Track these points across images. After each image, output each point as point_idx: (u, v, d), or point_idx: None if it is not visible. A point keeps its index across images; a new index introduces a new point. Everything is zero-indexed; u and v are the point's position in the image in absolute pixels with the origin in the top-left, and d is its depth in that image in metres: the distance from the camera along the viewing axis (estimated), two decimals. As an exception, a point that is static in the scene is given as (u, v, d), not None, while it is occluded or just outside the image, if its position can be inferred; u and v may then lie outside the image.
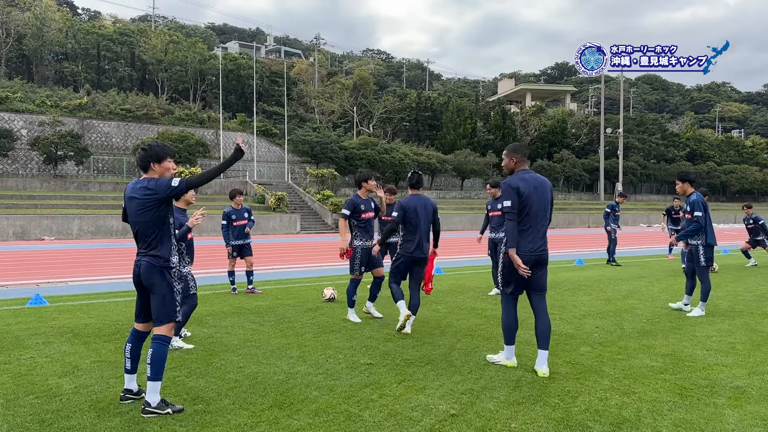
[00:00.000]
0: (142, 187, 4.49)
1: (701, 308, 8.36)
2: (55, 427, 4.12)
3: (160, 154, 4.61)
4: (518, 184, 5.42)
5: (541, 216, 5.49)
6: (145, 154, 4.58)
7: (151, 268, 4.49)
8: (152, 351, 4.45)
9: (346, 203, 7.93)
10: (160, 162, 4.60)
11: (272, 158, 52.64)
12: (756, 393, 4.86)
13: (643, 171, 66.05)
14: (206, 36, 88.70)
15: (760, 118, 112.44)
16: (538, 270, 5.51)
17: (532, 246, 5.43)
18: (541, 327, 5.48)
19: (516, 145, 5.75)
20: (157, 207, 4.47)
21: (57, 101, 47.49)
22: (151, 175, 4.59)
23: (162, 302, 4.50)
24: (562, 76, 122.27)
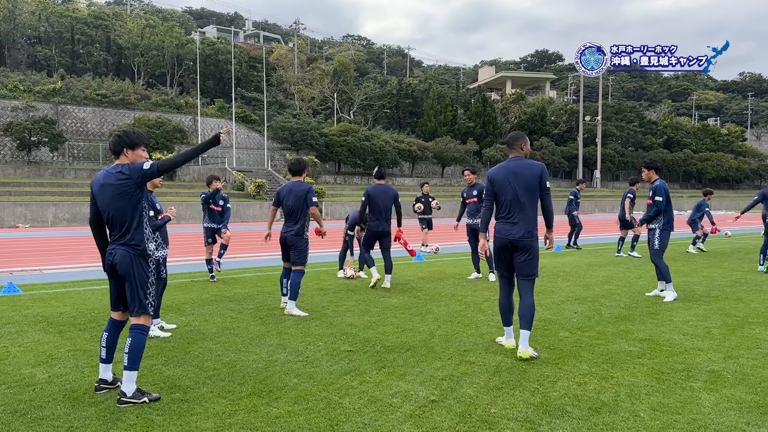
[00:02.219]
0: (117, 172, 4.42)
1: (671, 289, 8.50)
2: (29, 417, 4.04)
3: (135, 140, 4.57)
4: (493, 173, 5.70)
5: (521, 201, 5.53)
6: (119, 140, 4.53)
7: (127, 257, 4.40)
8: (130, 340, 4.38)
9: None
10: (134, 149, 4.55)
11: (251, 145, 52.15)
12: (731, 377, 4.93)
13: (621, 158, 66.70)
14: (183, 20, 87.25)
15: (735, 107, 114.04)
16: (520, 255, 5.56)
17: (506, 230, 5.59)
18: (522, 307, 5.54)
19: (510, 134, 5.89)
20: (132, 192, 4.39)
21: (30, 86, 46.47)
22: (122, 161, 4.52)
23: (137, 292, 4.43)
24: (542, 63, 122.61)
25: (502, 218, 5.65)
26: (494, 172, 5.68)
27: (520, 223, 5.54)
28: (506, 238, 5.56)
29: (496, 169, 5.69)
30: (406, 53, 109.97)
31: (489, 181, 5.72)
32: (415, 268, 12.23)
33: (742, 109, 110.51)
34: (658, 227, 8.60)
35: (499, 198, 5.65)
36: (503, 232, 5.60)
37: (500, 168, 5.68)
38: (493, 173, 5.68)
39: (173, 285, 9.80)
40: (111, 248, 4.47)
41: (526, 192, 5.53)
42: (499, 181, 5.62)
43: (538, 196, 5.59)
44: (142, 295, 4.45)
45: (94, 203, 4.57)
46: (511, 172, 5.58)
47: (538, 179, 5.54)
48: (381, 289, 9.45)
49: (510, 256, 5.63)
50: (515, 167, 5.60)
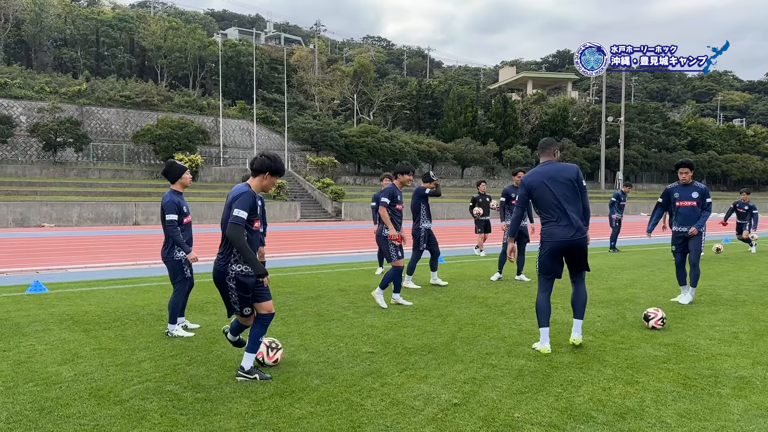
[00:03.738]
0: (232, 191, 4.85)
1: (691, 294, 8.38)
2: (55, 415, 4.09)
3: (279, 168, 4.88)
4: (529, 180, 5.76)
5: (563, 203, 5.61)
6: (265, 163, 4.86)
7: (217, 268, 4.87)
8: (251, 329, 4.95)
9: (385, 192, 8.28)
10: (273, 175, 4.89)
11: (272, 146, 52.48)
12: (760, 383, 4.83)
13: (644, 160, 65.90)
14: (206, 22, 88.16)
15: (762, 107, 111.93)
16: (574, 254, 5.70)
17: (556, 233, 5.64)
18: (578, 297, 5.82)
19: (542, 141, 5.97)
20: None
21: (56, 88, 47.29)
22: (257, 181, 4.86)
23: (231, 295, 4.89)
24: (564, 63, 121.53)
25: (548, 222, 5.69)
26: (530, 179, 5.72)
27: (568, 224, 5.62)
28: (560, 241, 5.61)
29: (531, 176, 5.73)
30: (426, 54, 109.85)
31: (525, 188, 5.76)
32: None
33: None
34: (703, 231, 8.42)
35: (538, 203, 5.74)
36: (554, 235, 5.64)
37: (535, 174, 5.72)
38: (530, 180, 5.73)
39: (196, 285, 9.87)
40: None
41: (565, 193, 5.62)
42: (536, 186, 5.68)
43: (578, 196, 5.68)
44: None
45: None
46: (547, 176, 5.67)
47: (575, 180, 5.66)
48: (401, 292, 9.43)
49: (561, 257, 5.73)
50: (551, 171, 5.69)
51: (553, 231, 5.64)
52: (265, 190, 4.92)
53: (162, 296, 8.73)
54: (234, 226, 4.59)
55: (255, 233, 4.88)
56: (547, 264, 5.75)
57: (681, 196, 8.39)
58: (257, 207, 4.80)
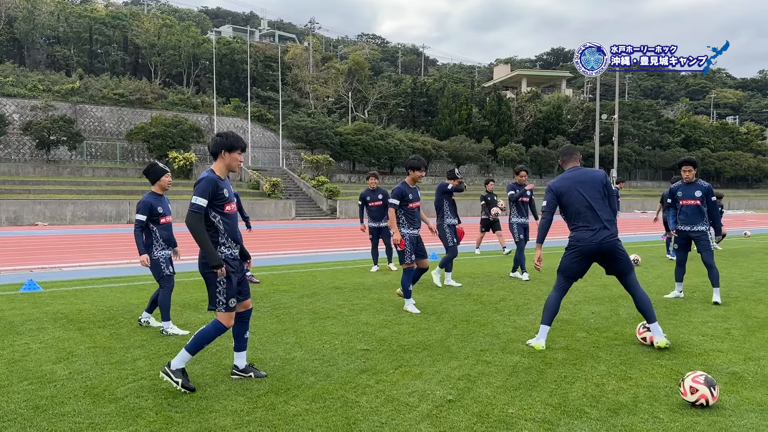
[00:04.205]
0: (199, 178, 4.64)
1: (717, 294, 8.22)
2: (50, 414, 4.09)
3: (234, 144, 4.65)
4: (558, 186, 5.78)
5: (593, 208, 5.65)
6: (220, 141, 4.64)
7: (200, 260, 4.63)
8: (203, 328, 4.65)
9: (394, 192, 7.68)
10: (231, 152, 4.65)
11: (267, 144, 52.41)
12: (752, 378, 4.87)
13: (638, 157, 66.09)
14: (199, 20, 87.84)
15: (755, 105, 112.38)
16: (611, 257, 5.70)
17: (587, 237, 5.64)
18: (642, 302, 5.74)
19: (562, 148, 6.08)
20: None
21: (49, 85, 47.06)
22: (219, 163, 4.67)
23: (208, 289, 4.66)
24: (558, 61, 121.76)
25: (578, 227, 5.70)
26: (559, 185, 5.76)
27: (599, 228, 5.65)
28: (590, 244, 5.62)
29: (561, 181, 5.76)
30: (421, 52, 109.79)
31: (554, 194, 5.77)
32: (430, 267, 12.20)
33: (762, 107, 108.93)
34: (707, 229, 8.31)
35: (567, 209, 5.74)
36: (583, 239, 5.65)
37: (564, 180, 5.77)
38: (558, 185, 5.76)
39: (191, 283, 9.88)
40: None
41: (595, 198, 5.67)
42: (566, 192, 5.71)
43: (606, 200, 5.72)
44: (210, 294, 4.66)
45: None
46: (577, 181, 5.73)
47: (605, 184, 5.73)
48: (396, 287, 9.46)
49: (591, 262, 5.75)
50: (581, 176, 5.76)
51: (583, 235, 5.65)
52: (232, 170, 4.71)
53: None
54: (192, 214, 4.42)
55: (232, 217, 4.67)
56: (572, 267, 5.76)
57: (684, 194, 8.37)
58: (224, 189, 4.58)
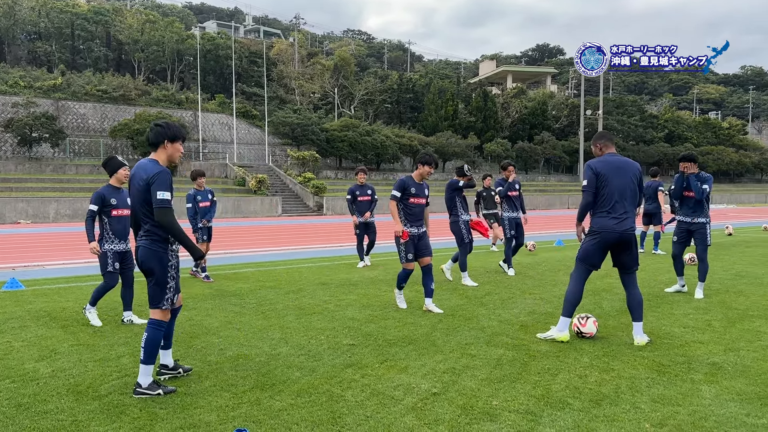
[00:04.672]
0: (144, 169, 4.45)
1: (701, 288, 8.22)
2: (33, 411, 4.06)
3: (177, 134, 4.56)
4: (597, 165, 5.69)
5: (625, 196, 5.64)
6: (162, 131, 4.51)
7: (148, 253, 4.46)
8: (147, 335, 4.43)
9: (397, 184, 7.26)
10: (174, 142, 4.55)
11: (252, 140, 52.15)
12: (731, 369, 4.95)
13: (622, 152, 66.23)
14: (183, 15, 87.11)
15: (737, 100, 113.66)
16: (625, 249, 5.71)
17: (612, 225, 5.62)
18: (634, 300, 5.80)
19: (599, 133, 6.02)
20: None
21: (30, 82, 46.48)
22: (160, 154, 4.53)
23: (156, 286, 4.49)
24: (543, 57, 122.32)
25: (605, 213, 5.64)
26: (601, 167, 5.66)
27: (626, 218, 5.65)
28: (614, 233, 5.61)
29: (601, 164, 5.67)
30: (407, 48, 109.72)
31: (594, 174, 5.65)
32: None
33: (744, 102, 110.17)
34: (707, 221, 8.26)
35: (601, 191, 5.65)
36: (609, 227, 5.61)
37: (605, 163, 5.68)
38: (599, 166, 5.66)
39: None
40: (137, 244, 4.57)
41: (627, 187, 5.65)
42: (606, 174, 5.62)
43: (636, 193, 5.72)
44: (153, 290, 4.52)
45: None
46: (615, 166, 5.67)
47: (638, 177, 5.73)
48: (382, 283, 9.49)
49: (608, 250, 5.72)
50: (619, 162, 5.71)
51: (606, 222, 5.63)
52: (173, 161, 4.58)
53: (140, 291, 8.64)
54: (164, 211, 4.31)
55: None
56: (594, 254, 5.73)
57: (681, 185, 8.34)
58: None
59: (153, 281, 4.45)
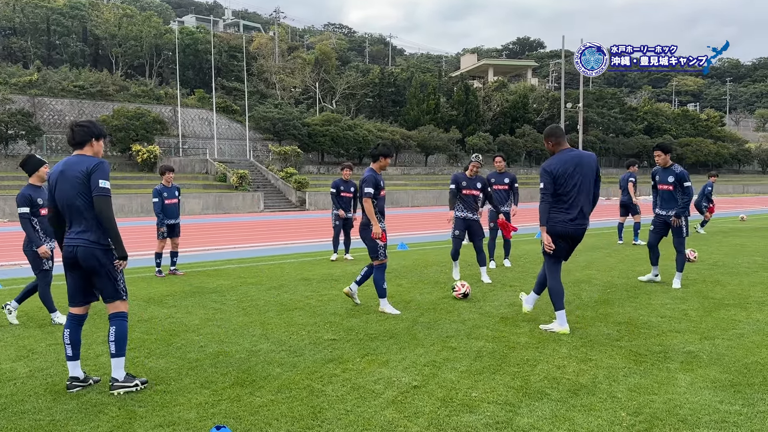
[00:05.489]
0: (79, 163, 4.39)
1: (679, 278, 8.32)
2: (10, 411, 4.02)
3: (102, 132, 4.59)
4: (553, 167, 5.67)
5: (579, 193, 5.69)
6: (88, 129, 4.49)
7: (92, 250, 4.36)
8: (115, 328, 4.42)
9: (366, 181, 6.87)
10: (99, 140, 4.56)
11: (233, 135, 51.76)
12: (707, 357, 5.04)
13: (603, 145, 67.17)
14: (161, 9, 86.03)
15: (714, 92, 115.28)
16: (574, 244, 5.87)
17: (573, 219, 5.72)
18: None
19: (550, 128, 5.93)
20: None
21: (6, 78, 45.64)
22: (87, 152, 4.50)
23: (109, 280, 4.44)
24: (524, 51, 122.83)
25: (564, 209, 5.70)
26: (558, 167, 5.66)
27: (577, 215, 5.72)
28: (575, 227, 5.72)
29: (558, 164, 5.67)
30: (388, 42, 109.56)
31: (550, 174, 5.66)
32: (398, 256, 12.28)
33: (721, 94, 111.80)
34: (685, 216, 8.31)
35: (559, 189, 5.69)
36: (568, 221, 5.70)
37: (562, 161, 5.68)
38: (556, 165, 5.66)
39: (155, 278, 9.75)
40: (70, 241, 4.42)
41: (585, 183, 5.70)
42: (563, 172, 5.65)
43: (592, 186, 5.77)
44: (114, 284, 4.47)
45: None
46: (574, 162, 5.68)
47: (596, 170, 5.78)
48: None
49: (568, 241, 5.82)
50: (577, 157, 5.72)
51: (559, 218, 5.72)
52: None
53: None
54: (105, 200, 4.28)
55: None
56: (560, 248, 5.82)
57: (660, 179, 8.41)
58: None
59: (103, 277, 4.41)
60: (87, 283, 4.51)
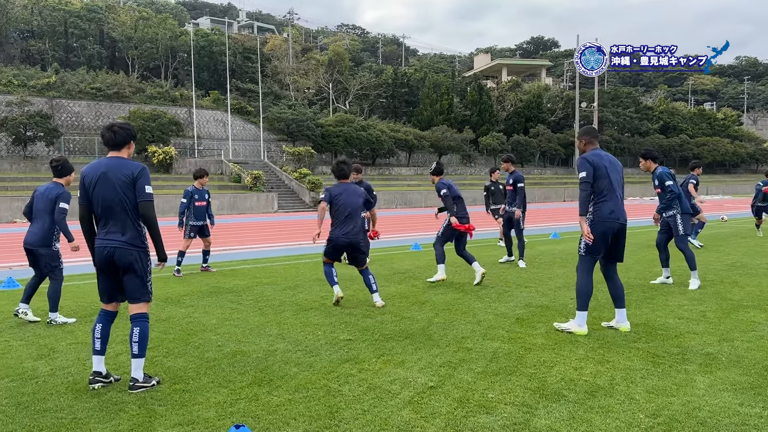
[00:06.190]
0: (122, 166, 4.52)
1: (695, 277, 8.30)
2: (32, 410, 4.08)
3: (135, 134, 4.77)
4: (593, 159, 5.82)
5: (617, 187, 5.85)
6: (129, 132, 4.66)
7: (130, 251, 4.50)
8: (138, 329, 4.51)
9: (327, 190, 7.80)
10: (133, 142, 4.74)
11: (247, 136, 52.04)
12: (726, 359, 4.99)
13: (618, 144, 66.70)
14: (177, 12, 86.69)
15: (732, 91, 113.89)
16: (620, 239, 5.88)
17: (614, 214, 5.78)
18: (618, 289, 6.00)
19: (588, 128, 6.14)
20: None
21: (24, 80, 46.21)
22: (124, 152, 4.64)
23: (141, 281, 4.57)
24: (538, 50, 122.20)
25: (603, 202, 5.77)
26: (598, 160, 5.80)
27: (622, 208, 5.83)
28: (616, 222, 5.77)
29: (597, 158, 5.81)
30: (401, 42, 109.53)
31: (591, 164, 5.76)
32: (413, 257, 12.29)
33: (739, 93, 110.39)
34: (677, 213, 8.49)
35: (599, 182, 5.79)
36: (611, 216, 5.74)
37: (600, 157, 5.84)
38: (597, 161, 5.79)
39: (173, 278, 9.85)
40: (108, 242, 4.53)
41: (618, 180, 5.87)
42: (599, 167, 5.78)
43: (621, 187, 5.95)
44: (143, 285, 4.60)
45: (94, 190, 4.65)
46: (607, 160, 5.87)
47: (621, 172, 5.95)
48: (379, 278, 9.51)
49: (609, 239, 5.82)
50: (609, 157, 5.92)
51: (607, 212, 5.75)
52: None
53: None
54: (150, 205, 4.48)
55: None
56: (599, 244, 5.79)
57: (653, 183, 8.64)
58: None
59: (137, 277, 4.53)
60: (117, 282, 4.61)
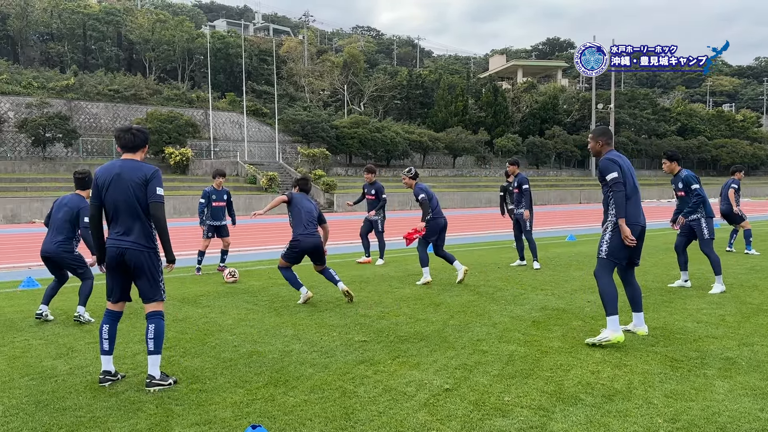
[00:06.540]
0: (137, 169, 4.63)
1: (719, 282, 8.19)
2: (52, 408, 4.13)
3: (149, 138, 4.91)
4: (617, 159, 5.71)
5: (636, 191, 5.76)
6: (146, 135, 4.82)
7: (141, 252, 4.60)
8: (153, 326, 4.58)
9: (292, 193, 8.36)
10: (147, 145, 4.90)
11: (263, 138, 52.29)
12: (745, 364, 4.93)
13: (635, 146, 66.08)
14: (193, 14, 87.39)
15: (751, 92, 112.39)
16: (639, 242, 5.76)
17: (637, 217, 5.68)
18: (636, 292, 5.90)
19: (603, 129, 6.00)
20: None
21: (44, 83, 46.84)
22: (139, 155, 4.78)
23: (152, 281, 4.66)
24: (554, 51, 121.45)
25: (633, 203, 5.68)
26: (618, 159, 5.70)
27: (642, 210, 5.76)
28: (638, 225, 5.68)
29: (617, 157, 5.72)
30: (416, 43, 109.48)
31: (617, 165, 5.62)
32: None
33: (758, 94, 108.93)
34: (702, 217, 8.35)
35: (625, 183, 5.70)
36: (635, 219, 5.64)
37: (619, 157, 5.75)
38: (618, 160, 5.69)
39: (189, 278, 9.92)
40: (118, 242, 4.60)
41: (635, 182, 5.77)
42: (624, 168, 5.69)
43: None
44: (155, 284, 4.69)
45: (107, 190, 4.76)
46: (626, 162, 5.79)
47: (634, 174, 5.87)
48: (394, 280, 9.51)
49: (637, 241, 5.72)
50: (626, 160, 5.83)
51: (631, 215, 5.63)
52: None
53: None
54: (160, 206, 4.58)
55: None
56: (622, 249, 5.64)
57: (674, 186, 8.60)
58: None
59: (148, 278, 4.62)
60: (127, 283, 4.71)
